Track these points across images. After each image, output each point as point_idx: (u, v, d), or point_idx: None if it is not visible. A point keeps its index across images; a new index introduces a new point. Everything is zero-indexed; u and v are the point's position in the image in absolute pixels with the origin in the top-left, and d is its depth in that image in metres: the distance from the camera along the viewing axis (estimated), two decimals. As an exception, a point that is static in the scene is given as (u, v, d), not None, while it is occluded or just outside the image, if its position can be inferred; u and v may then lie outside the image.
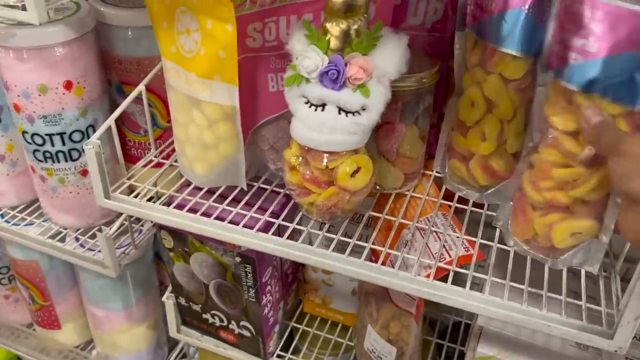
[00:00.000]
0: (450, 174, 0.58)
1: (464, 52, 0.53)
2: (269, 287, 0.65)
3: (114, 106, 0.71)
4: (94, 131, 0.67)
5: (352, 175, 0.49)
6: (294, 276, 0.76)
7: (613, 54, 0.39)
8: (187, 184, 0.59)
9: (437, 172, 0.60)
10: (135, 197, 0.57)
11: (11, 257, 0.86)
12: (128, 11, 0.64)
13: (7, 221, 0.76)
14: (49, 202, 0.72)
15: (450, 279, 0.48)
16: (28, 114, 0.63)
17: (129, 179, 0.59)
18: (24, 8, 0.48)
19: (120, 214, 0.75)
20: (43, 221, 0.77)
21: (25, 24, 0.57)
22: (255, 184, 0.59)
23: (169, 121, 0.73)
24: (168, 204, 0.57)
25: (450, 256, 0.51)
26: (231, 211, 0.55)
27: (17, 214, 0.77)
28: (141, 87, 0.60)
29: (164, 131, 0.73)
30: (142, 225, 0.78)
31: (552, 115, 0.45)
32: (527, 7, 0.46)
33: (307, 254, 0.50)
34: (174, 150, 0.61)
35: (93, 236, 0.74)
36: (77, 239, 0.76)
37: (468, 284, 0.47)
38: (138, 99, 0.70)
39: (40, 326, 0.94)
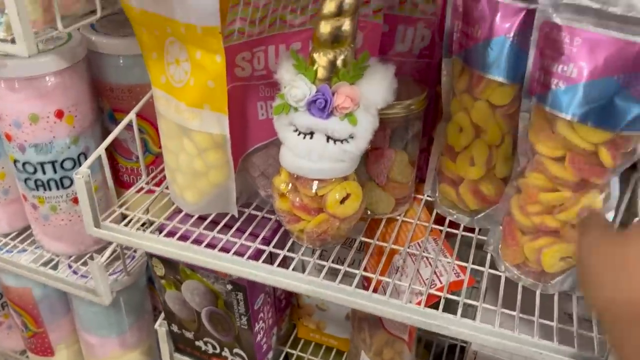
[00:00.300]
0: (441, 198, 0.58)
1: (452, 79, 0.53)
2: (261, 314, 0.64)
3: (105, 133, 0.71)
4: (86, 159, 0.67)
5: (342, 202, 0.49)
6: (288, 301, 0.75)
7: (592, 79, 0.40)
8: (179, 210, 0.59)
9: (427, 196, 0.60)
10: (127, 225, 0.57)
11: (4, 285, 0.86)
12: (119, 40, 0.65)
13: (-1, 249, 0.76)
14: (41, 229, 0.72)
15: (441, 305, 0.48)
16: (19, 142, 0.64)
17: (120, 206, 0.59)
18: (13, 41, 0.48)
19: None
20: (35, 248, 0.76)
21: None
22: (246, 210, 0.59)
23: (161, 147, 0.73)
24: (159, 231, 0.57)
25: (441, 282, 0.51)
26: (222, 238, 0.55)
27: (10, 242, 0.77)
28: (132, 116, 0.60)
29: (156, 157, 0.74)
30: (134, 252, 0.78)
31: (536, 141, 0.45)
32: (512, 34, 0.46)
33: (298, 282, 0.50)
34: (165, 176, 0.61)
35: (86, 263, 0.74)
36: (69, 266, 0.75)
37: (459, 312, 0.47)
38: (130, 125, 0.70)
39: (34, 353, 0.93)
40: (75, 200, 0.69)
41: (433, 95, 0.59)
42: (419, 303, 0.48)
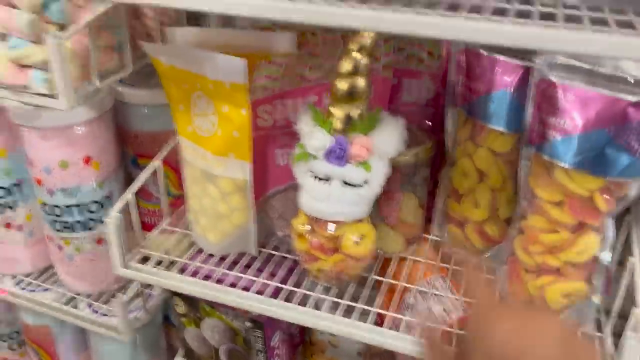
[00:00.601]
0: (449, 238, 0.62)
1: (456, 128, 0.57)
2: (277, 351, 0.67)
3: (128, 177, 0.75)
4: (110, 201, 0.71)
5: (357, 243, 0.52)
6: (301, 338, 0.78)
7: (585, 132, 0.44)
8: (199, 250, 0.62)
9: (435, 236, 0.64)
10: (150, 264, 0.60)
11: (23, 322, 0.88)
12: (145, 91, 0.70)
13: (22, 288, 0.79)
14: (65, 269, 0.75)
15: (453, 341, 0.51)
16: (49, 187, 0.68)
17: (143, 247, 0.63)
18: (54, 96, 0.53)
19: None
20: (58, 287, 0.79)
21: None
22: (263, 250, 0.62)
23: (181, 189, 0.77)
24: (182, 270, 0.60)
25: (451, 318, 0.54)
26: (242, 277, 0.58)
27: (32, 281, 0.80)
28: (157, 163, 0.64)
29: (176, 199, 0.77)
30: (153, 290, 0.80)
31: (536, 186, 0.49)
32: (511, 89, 0.51)
33: (316, 319, 0.53)
34: (186, 217, 0.65)
35: (104, 301, 0.76)
36: (89, 305, 0.78)
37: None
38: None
39: (48, 391, 0.95)
40: (99, 241, 0.73)
41: (438, 142, 0.63)
42: (430, 338, 0.51)
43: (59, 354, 0.89)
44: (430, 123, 0.63)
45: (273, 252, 0.62)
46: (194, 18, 0.70)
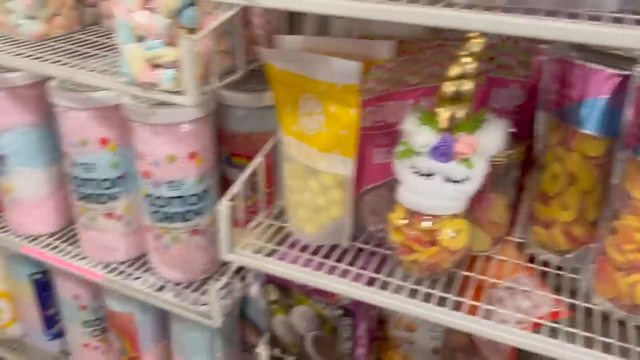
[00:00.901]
0: (533, 239, 0.65)
1: (546, 132, 0.61)
2: (362, 340, 0.70)
3: (221, 174, 0.81)
4: (207, 195, 0.77)
5: (453, 236, 0.56)
6: (377, 333, 0.81)
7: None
8: (293, 243, 0.67)
9: (519, 237, 0.67)
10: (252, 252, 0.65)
11: (109, 310, 0.94)
12: (243, 94, 0.75)
13: (115, 275, 0.85)
14: (160, 258, 0.81)
15: (543, 333, 0.54)
16: (155, 179, 0.74)
17: (244, 236, 0.67)
18: (179, 93, 0.58)
19: (220, 270, 0.83)
20: (147, 275, 0.85)
21: (163, 104, 0.69)
22: (354, 243, 0.66)
23: (269, 187, 0.82)
24: (280, 259, 0.64)
25: (540, 313, 0.57)
26: (336, 267, 0.62)
27: (126, 269, 0.86)
28: (260, 159, 0.69)
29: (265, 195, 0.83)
30: (236, 283, 0.85)
31: (632, 188, 0.52)
32: (605, 95, 0.54)
33: (414, 307, 0.56)
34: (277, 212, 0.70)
35: (193, 290, 0.82)
36: (178, 293, 0.83)
37: (562, 337, 0.53)
38: (242, 167, 0.80)
39: (125, 377, 1.00)
40: (194, 232, 0.78)
41: (525, 147, 0.66)
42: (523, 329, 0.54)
43: (140, 341, 0.95)
44: (517, 129, 0.67)
45: (363, 246, 0.66)
46: (291, 28, 0.76)
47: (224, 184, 0.82)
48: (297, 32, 0.77)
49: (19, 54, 0.71)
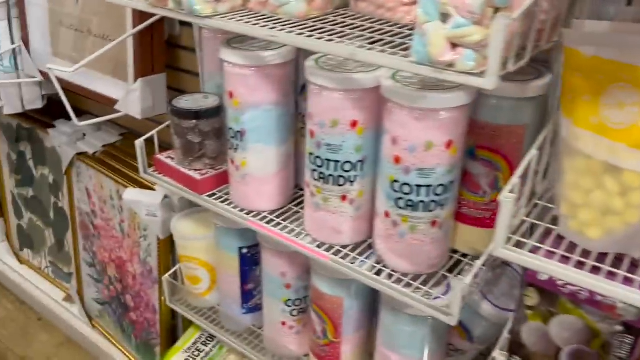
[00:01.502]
0: None
1: None
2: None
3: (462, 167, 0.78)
4: (452, 186, 0.74)
5: None
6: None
7: None
8: (569, 246, 0.62)
9: None
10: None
11: (318, 291, 0.95)
12: (508, 83, 0.71)
13: (342, 257, 0.85)
14: (390, 245, 0.79)
15: None
16: (407, 165, 0.72)
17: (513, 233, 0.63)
18: (479, 74, 0.56)
19: (454, 267, 0.80)
20: (367, 261, 0.84)
21: (427, 87, 0.67)
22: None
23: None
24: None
25: None
26: (632, 279, 0.56)
27: (349, 253, 0.86)
28: (535, 152, 0.65)
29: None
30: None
31: None
32: None
33: None
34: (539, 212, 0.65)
35: (423, 282, 0.79)
36: (407, 284, 0.81)
37: None
38: (487, 161, 0.76)
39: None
40: (434, 224, 0.76)
41: None
42: None
43: (343, 326, 0.95)
44: None
45: (649, 259, 0.60)
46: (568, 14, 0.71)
47: (464, 177, 0.79)
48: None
49: (291, 32, 0.72)
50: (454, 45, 0.58)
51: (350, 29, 0.73)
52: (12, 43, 1.35)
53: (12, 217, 1.90)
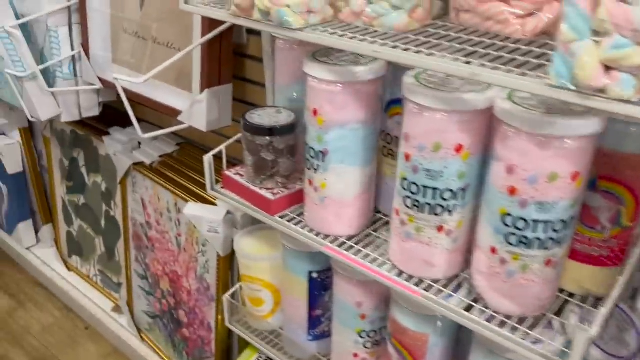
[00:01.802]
0: None
1: None
2: None
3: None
4: (573, 222, 0.66)
5: None
6: None
7: None
8: None
9: None
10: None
11: (399, 325, 0.87)
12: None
13: (434, 294, 0.77)
14: (495, 285, 0.71)
15: None
16: (523, 198, 0.64)
17: None
18: (633, 103, 0.47)
19: (561, 310, 0.72)
20: (461, 298, 0.76)
21: (551, 113, 0.59)
22: None
23: (632, 220, 0.68)
24: None
25: None
26: None
27: (441, 288, 0.78)
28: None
29: (624, 230, 0.69)
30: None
31: None
32: None
33: None
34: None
35: (531, 326, 0.71)
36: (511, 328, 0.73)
37: None
38: (609, 194, 0.67)
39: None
40: (548, 263, 0.67)
41: None
42: None
43: (426, 364, 0.87)
44: None
45: None
46: None
47: (581, 210, 0.70)
48: None
49: (394, 47, 0.65)
50: (607, 68, 0.49)
51: (459, 44, 0.65)
52: (72, 49, 1.31)
53: (62, 224, 1.88)
